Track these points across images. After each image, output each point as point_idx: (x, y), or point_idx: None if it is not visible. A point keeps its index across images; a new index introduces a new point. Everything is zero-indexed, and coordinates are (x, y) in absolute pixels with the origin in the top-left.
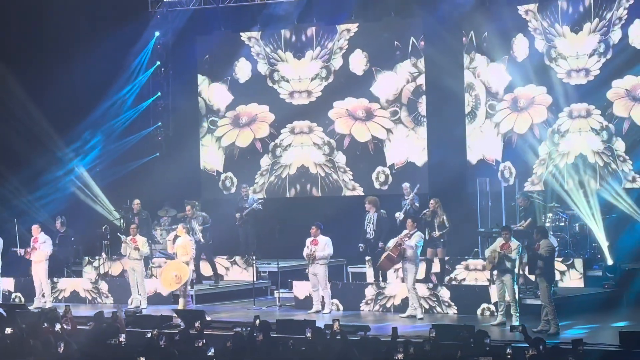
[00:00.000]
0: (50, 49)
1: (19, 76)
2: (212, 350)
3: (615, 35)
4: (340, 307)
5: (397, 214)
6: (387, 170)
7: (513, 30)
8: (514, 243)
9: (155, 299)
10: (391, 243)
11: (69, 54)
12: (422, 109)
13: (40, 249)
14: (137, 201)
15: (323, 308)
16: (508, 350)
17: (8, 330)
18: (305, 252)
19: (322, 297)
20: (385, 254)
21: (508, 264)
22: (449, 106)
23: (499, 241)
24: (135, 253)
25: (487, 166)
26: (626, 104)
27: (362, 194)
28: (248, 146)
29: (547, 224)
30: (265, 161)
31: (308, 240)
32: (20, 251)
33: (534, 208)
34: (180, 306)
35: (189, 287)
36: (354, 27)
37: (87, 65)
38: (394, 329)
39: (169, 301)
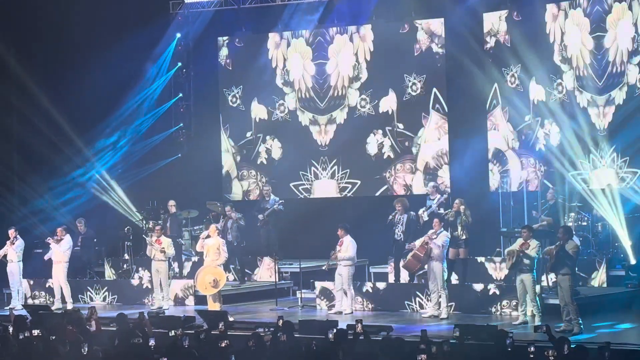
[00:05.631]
0: (72, 51)
1: (41, 78)
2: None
3: None
4: (366, 307)
5: (420, 212)
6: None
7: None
8: (534, 242)
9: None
10: (417, 242)
11: (90, 56)
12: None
13: (60, 247)
14: (171, 202)
15: (346, 308)
16: (531, 349)
17: (35, 332)
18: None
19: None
20: (411, 254)
21: (527, 263)
22: (470, 105)
23: (519, 241)
24: (160, 254)
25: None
26: None
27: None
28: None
29: (570, 224)
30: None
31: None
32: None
33: (557, 207)
34: (216, 308)
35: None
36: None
37: (108, 67)
38: (424, 332)
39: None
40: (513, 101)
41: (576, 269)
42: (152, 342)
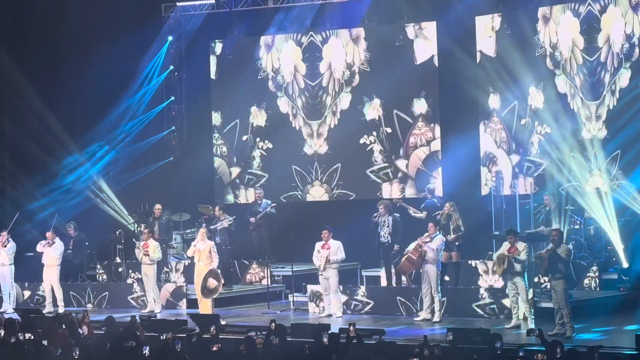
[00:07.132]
0: (64, 54)
1: (34, 81)
2: None
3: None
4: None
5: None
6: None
7: (528, 33)
8: (521, 245)
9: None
10: (411, 246)
11: (82, 58)
12: (436, 112)
13: (53, 251)
14: (158, 206)
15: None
16: (520, 354)
17: (27, 336)
18: (316, 256)
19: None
20: (405, 256)
21: (518, 267)
22: (463, 110)
23: (506, 245)
24: (146, 258)
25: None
26: None
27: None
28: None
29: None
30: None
31: (318, 244)
32: (41, 245)
33: (549, 213)
34: (208, 311)
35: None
36: (366, 30)
37: (100, 70)
38: (425, 337)
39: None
40: (506, 105)
41: (570, 272)
42: (146, 351)
